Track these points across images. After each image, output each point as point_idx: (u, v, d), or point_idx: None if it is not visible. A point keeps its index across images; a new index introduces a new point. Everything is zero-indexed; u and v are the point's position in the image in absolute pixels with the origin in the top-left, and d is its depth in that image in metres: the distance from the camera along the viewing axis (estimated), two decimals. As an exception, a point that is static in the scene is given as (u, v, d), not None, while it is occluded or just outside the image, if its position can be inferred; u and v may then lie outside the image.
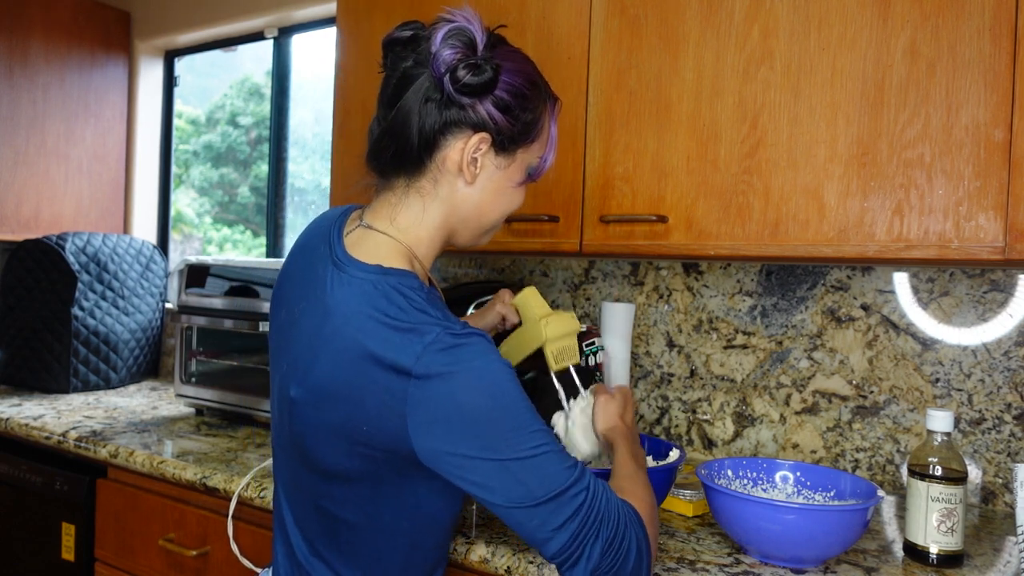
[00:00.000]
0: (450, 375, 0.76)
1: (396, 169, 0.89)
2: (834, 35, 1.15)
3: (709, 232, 1.25)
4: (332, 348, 0.81)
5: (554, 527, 0.77)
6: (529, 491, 0.77)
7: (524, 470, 0.77)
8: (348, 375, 0.80)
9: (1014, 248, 1.02)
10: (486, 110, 0.85)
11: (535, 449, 0.77)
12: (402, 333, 0.78)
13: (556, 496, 0.77)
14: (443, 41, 0.83)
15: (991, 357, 1.35)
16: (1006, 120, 1.03)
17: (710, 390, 1.62)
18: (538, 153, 0.93)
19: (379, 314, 0.79)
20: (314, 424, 0.84)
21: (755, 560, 1.05)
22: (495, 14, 1.48)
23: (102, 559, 1.62)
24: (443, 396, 0.76)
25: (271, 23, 2.45)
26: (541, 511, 0.77)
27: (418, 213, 0.89)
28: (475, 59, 0.83)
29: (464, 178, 0.88)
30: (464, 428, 0.76)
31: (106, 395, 2.18)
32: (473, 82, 0.83)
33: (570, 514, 0.77)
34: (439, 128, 0.85)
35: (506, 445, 0.77)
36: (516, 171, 0.91)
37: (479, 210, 0.91)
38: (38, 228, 2.49)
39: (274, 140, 2.51)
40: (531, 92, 0.89)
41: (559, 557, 0.78)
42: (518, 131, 0.88)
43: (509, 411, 0.77)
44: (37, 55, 2.45)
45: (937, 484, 1.03)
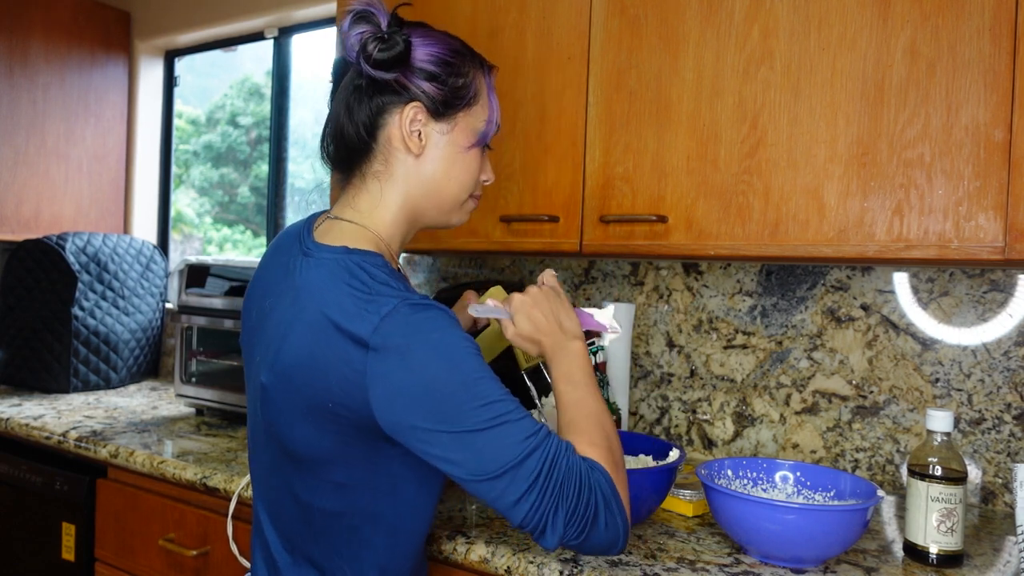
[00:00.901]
0: (407, 347, 0.78)
1: (348, 161, 0.93)
2: (834, 35, 1.15)
3: (709, 232, 1.25)
4: (299, 324, 0.83)
5: (514, 499, 0.77)
6: (486, 464, 0.77)
7: (481, 442, 0.77)
8: (313, 348, 0.81)
9: (1014, 248, 1.02)
10: (412, 82, 0.88)
11: (492, 421, 0.77)
12: (362, 304, 0.80)
13: (511, 468, 0.77)
14: (349, 27, 0.87)
15: (991, 357, 1.35)
16: (1006, 120, 1.03)
17: (710, 390, 1.62)
18: (482, 117, 0.95)
19: (342, 286, 0.82)
20: (285, 407, 0.85)
21: (755, 560, 1.05)
22: (495, 14, 1.48)
23: (102, 559, 1.62)
24: (401, 368, 0.77)
25: (271, 23, 2.45)
26: (499, 483, 0.77)
27: (376, 196, 0.92)
28: (382, 33, 0.87)
29: (411, 152, 0.91)
30: (423, 400, 0.77)
31: (106, 395, 2.18)
32: (385, 56, 0.86)
33: (526, 487, 0.77)
34: (373, 110, 0.89)
35: (464, 417, 0.77)
36: (461, 135, 0.93)
37: (436, 181, 0.93)
38: (38, 228, 2.49)
39: (274, 140, 2.51)
40: (455, 59, 0.91)
41: (526, 527, 0.79)
42: (451, 96, 0.91)
43: (466, 383, 0.78)
44: (37, 55, 2.45)
45: (937, 484, 1.03)
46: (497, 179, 1.47)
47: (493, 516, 1.19)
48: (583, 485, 0.79)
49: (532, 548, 1.06)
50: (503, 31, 1.47)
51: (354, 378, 0.79)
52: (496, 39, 1.48)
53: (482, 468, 0.77)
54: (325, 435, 0.83)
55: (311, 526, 0.88)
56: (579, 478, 0.79)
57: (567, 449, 0.80)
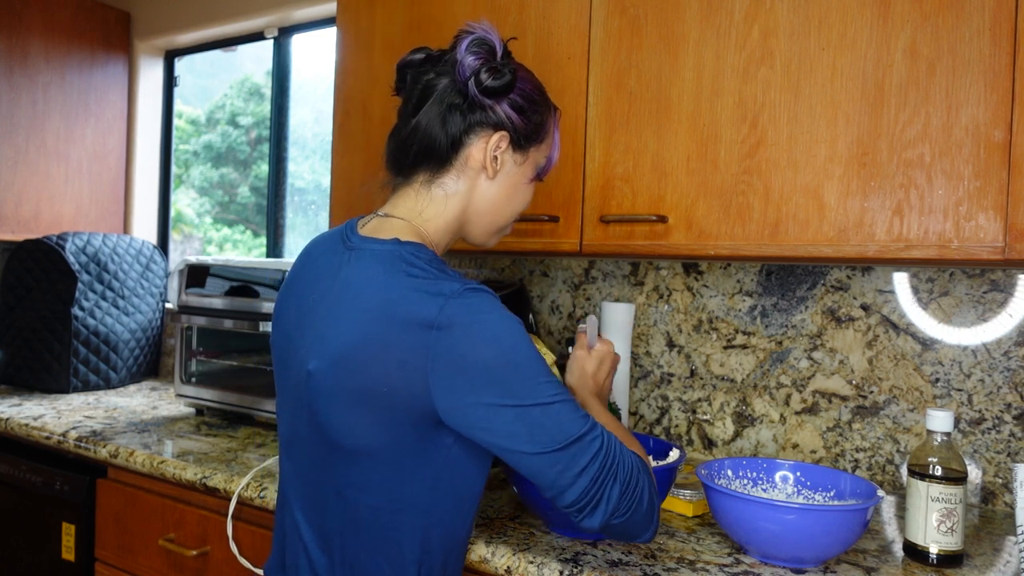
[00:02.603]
0: (470, 324, 0.81)
1: (419, 167, 0.98)
2: (834, 35, 1.15)
3: (709, 232, 1.25)
4: (354, 311, 0.86)
5: (576, 472, 0.82)
6: (552, 437, 0.81)
7: (545, 416, 0.82)
8: (369, 335, 0.84)
9: (1014, 248, 1.02)
10: (504, 111, 0.95)
11: (553, 396, 0.82)
12: (425, 289, 0.83)
13: (576, 441, 0.82)
14: (467, 49, 0.94)
15: (991, 357, 1.35)
16: (1006, 120, 1.03)
17: (710, 390, 1.62)
18: (545, 153, 1.04)
19: (400, 274, 0.86)
20: (334, 394, 0.86)
21: (755, 560, 1.05)
22: (495, 14, 1.48)
23: (102, 559, 1.62)
24: (464, 345, 0.81)
25: (271, 23, 2.45)
26: (564, 456, 0.82)
27: (439, 204, 0.97)
28: (496, 64, 0.94)
29: (486, 173, 0.97)
30: (487, 376, 0.81)
31: (106, 395, 2.18)
32: (495, 85, 0.94)
33: (590, 458, 0.82)
34: (464, 129, 0.95)
35: (527, 392, 0.81)
36: (529, 168, 1.01)
37: (495, 204, 0.99)
38: (38, 228, 2.49)
39: (274, 140, 2.51)
40: (539, 97, 1.00)
41: (579, 503, 0.83)
42: (531, 131, 0.99)
43: (526, 360, 0.83)
44: (37, 55, 2.45)
45: (937, 484, 1.03)
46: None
47: (493, 516, 1.19)
48: (633, 467, 0.86)
49: (532, 548, 1.06)
50: (503, 31, 1.47)
51: (415, 361, 0.81)
52: (496, 39, 1.48)
53: (549, 440, 0.81)
54: (375, 424, 0.84)
55: (352, 522, 0.89)
56: (630, 460, 0.86)
57: (615, 437, 0.87)
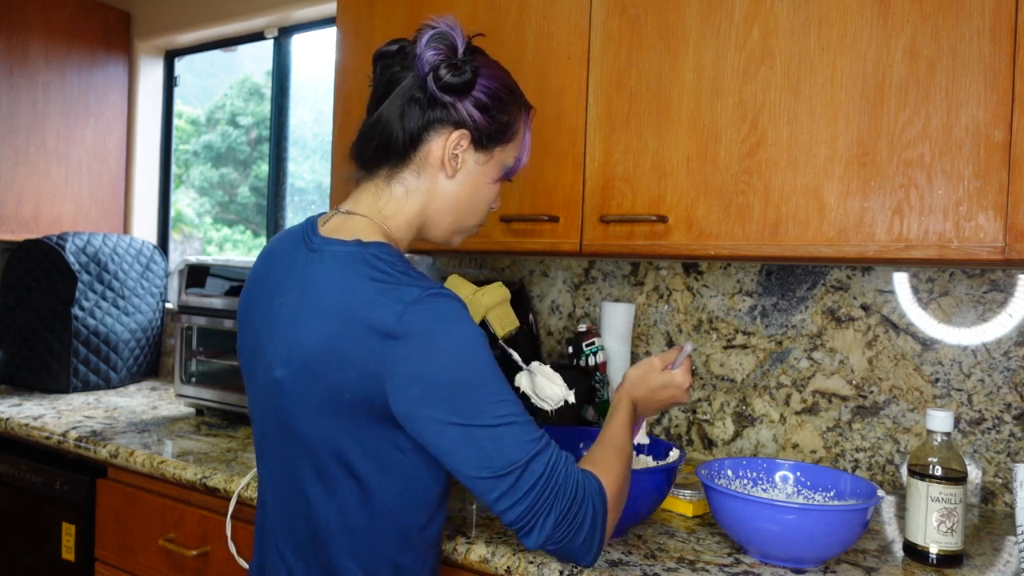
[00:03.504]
0: (429, 335, 0.80)
1: (379, 161, 0.96)
2: (834, 35, 1.15)
3: (709, 232, 1.25)
4: (317, 316, 0.85)
5: (514, 499, 0.80)
6: (493, 462, 0.79)
7: (490, 440, 0.80)
8: (332, 340, 0.83)
9: (1014, 248, 1.02)
10: (466, 109, 0.93)
11: (503, 418, 0.80)
12: (385, 293, 0.82)
13: (516, 469, 0.80)
14: (427, 44, 0.92)
15: (991, 357, 1.35)
16: (1006, 120, 1.03)
17: (710, 390, 1.62)
18: (513, 154, 1.01)
19: (362, 277, 0.84)
20: (301, 402, 0.86)
21: (755, 560, 1.05)
22: (495, 14, 1.48)
23: (102, 559, 1.62)
24: (421, 354, 0.79)
25: (271, 23, 2.45)
26: (502, 483, 0.80)
27: (400, 200, 0.96)
28: (456, 60, 0.92)
29: (445, 171, 0.95)
30: (438, 391, 0.80)
31: (106, 395, 2.18)
32: (453, 81, 0.91)
33: (528, 487, 0.80)
34: (423, 124, 0.93)
35: (476, 411, 0.80)
36: (493, 168, 0.99)
37: (456, 203, 0.98)
38: (38, 228, 2.49)
39: (274, 140, 2.51)
40: (507, 96, 0.97)
41: (516, 525, 0.81)
42: (495, 130, 0.96)
43: (483, 378, 0.81)
44: (37, 55, 2.45)
45: (937, 484, 1.03)
46: (497, 179, 1.47)
47: (493, 516, 1.19)
48: (578, 494, 0.83)
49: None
50: (503, 31, 1.47)
51: (374, 367, 0.80)
52: (496, 39, 1.48)
53: (489, 464, 0.79)
54: (341, 430, 0.84)
55: (324, 528, 0.88)
56: (576, 487, 0.83)
57: (567, 459, 0.84)
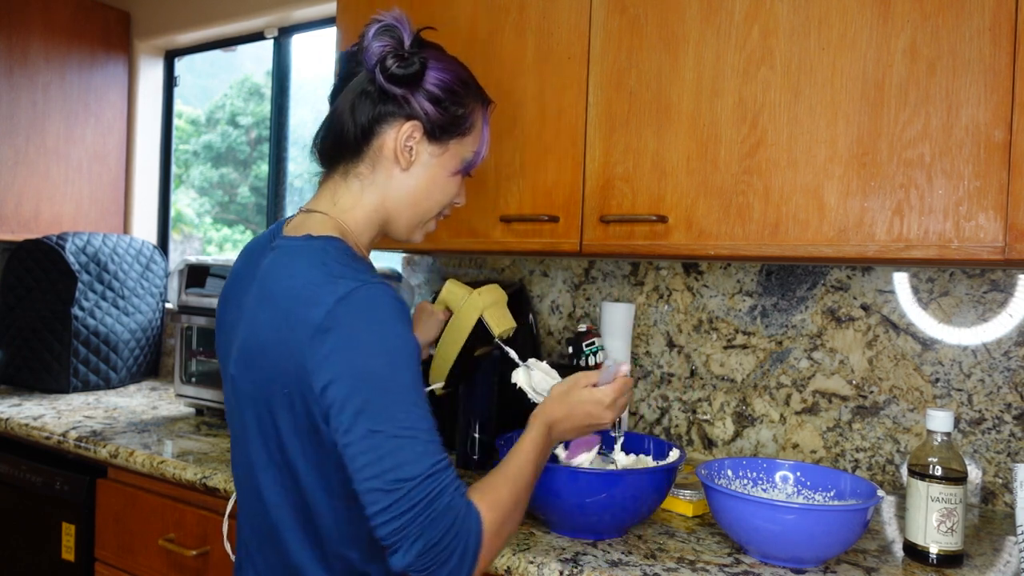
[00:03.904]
0: (354, 330, 0.79)
1: (335, 157, 0.98)
2: (834, 35, 1.15)
3: (709, 232, 1.25)
4: (263, 311, 0.86)
5: (390, 516, 0.77)
6: (384, 472, 0.77)
7: (388, 449, 0.77)
8: (273, 334, 0.84)
9: (1014, 248, 1.02)
10: (418, 102, 0.93)
11: (408, 430, 0.78)
12: (320, 286, 0.82)
13: (403, 486, 0.77)
14: (373, 37, 0.92)
15: (991, 357, 1.35)
16: (1006, 120, 1.03)
17: (710, 390, 1.62)
18: (471, 147, 1.01)
19: (302, 270, 0.85)
20: (249, 395, 0.88)
21: (755, 560, 1.05)
22: (495, 14, 1.48)
23: (102, 559, 1.62)
24: (343, 350, 0.79)
25: (271, 23, 2.45)
26: (386, 497, 0.77)
27: (356, 195, 0.96)
28: (403, 52, 0.92)
29: (399, 164, 0.95)
30: (351, 389, 0.78)
31: (106, 395, 2.18)
32: (400, 72, 0.91)
33: (406, 508, 0.77)
34: (374, 117, 0.94)
35: (384, 416, 0.78)
36: (450, 161, 0.98)
37: (414, 196, 0.98)
38: (38, 228, 2.49)
39: (274, 140, 2.51)
40: (461, 89, 0.97)
41: (384, 541, 0.79)
42: (449, 122, 0.96)
43: (399, 383, 0.79)
44: (37, 55, 2.45)
45: (937, 484, 1.03)
46: (497, 179, 1.47)
47: (493, 516, 1.19)
48: (453, 528, 0.79)
49: (532, 548, 1.06)
50: (503, 31, 1.47)
51: (304, 362, 0.80)
52: (496, 39, 1.48)
53: (380, 475, 0.77)
54: (282, 423, 0.85)
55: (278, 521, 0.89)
56: (453, 520, 0.79)
57: (456, 489, 0.80)
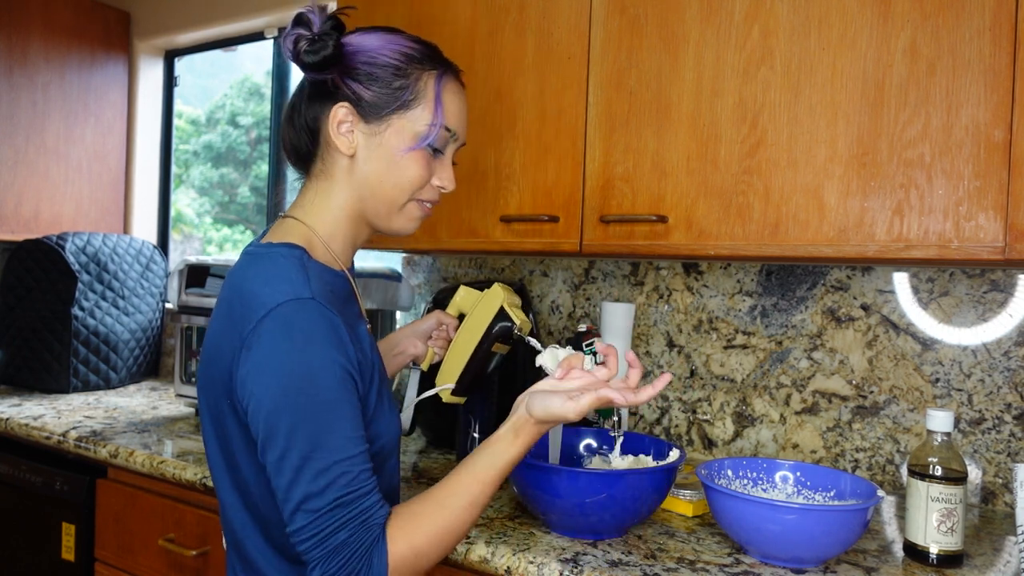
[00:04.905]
0: (273, 350, 0.78)
1: (302, 162, 0.97)
2: (834, 35, 1.15)
3: (709, 232, 1.25)
4: (216, 320, 0.88)
5: (299, 539, 0.77)
6: (291, 497, 0.77)
7: (297, 474, 0.77)
8: (219, 343, 0.85)
9: (1014, 248, 1.02)
10: (344, 83, 0.90)
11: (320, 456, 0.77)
12: (255, 297, 0.81)
13: (306, 514, 0.77)
14: (289, 30, 0.89)
15: (991, 357, 1.35)
16: (1006, 120, 1.03)
17: (710, 390, 1.62)
18: (424, 120, 0.92)
19: (248, 280, 0.84)
20: (205, 400, 0.89)
21: (755, 560, 1.05)
22: (495, 14, 1.48)
23: (102, 559, 1.62)
24: (261, 371, 0.78)
25: (271, 23, 2.45)
26: (297, 518, 0.77)
27: (323, 196, 0.94)
28: (312, 35, 0.88)
29: (343, 152, 0.91)
30: (270, 409, 0.78)
31: (106, 395, 2.18)
32: (313, 58, 0.88)
33: (308, 536, 0.77)
34: (313, 111, 0.92)
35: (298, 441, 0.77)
36: (395, 138, 0.91)
37: (370, 183, 0.92)
38: (38, 228, 2.48)
39: (274, 140, 2.51)
40: (395, 59, 0.91)
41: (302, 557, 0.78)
42: (385, 98, 0.90)
43: (316, 404, 0.78)
44: (37, 55, 2.45)
45: (937, 484, 1.03)
46: (497, 179, 1.47)
47: (493, 516, 1.19)
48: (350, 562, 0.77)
49: (532, 548, 1.06)
50: (503, 31, 1.47)
51: (233, 371, 0.81)
52: (496, 39, 1.48)
53: (289, 499, 0.77)
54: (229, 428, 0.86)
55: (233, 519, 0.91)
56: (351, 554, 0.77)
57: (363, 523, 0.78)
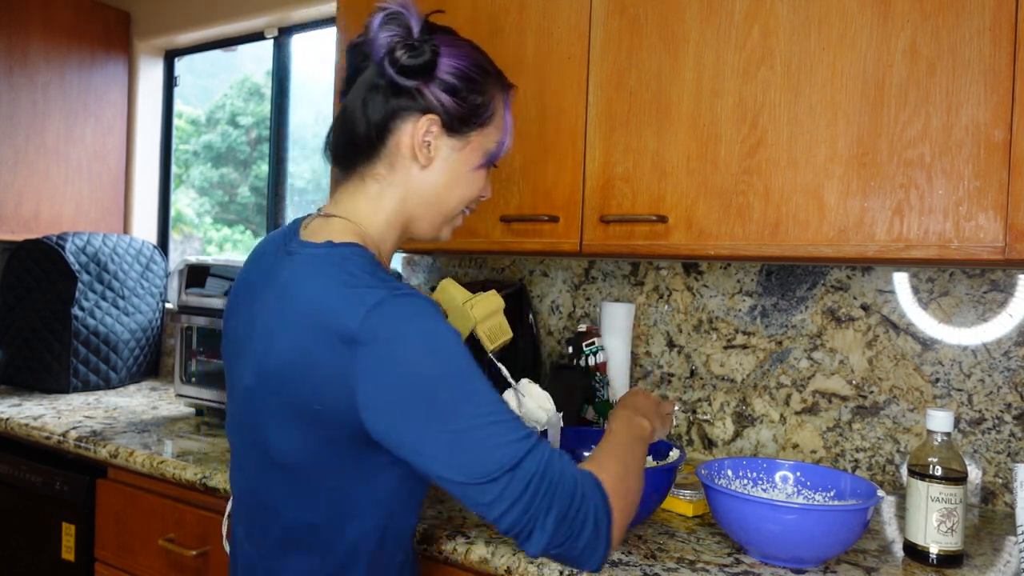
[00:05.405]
0: (395, 340, 0.75)
1: (352, 159, 0.92)
2: (834, 35, 1.15)
3: (709, 232, 1.25)
4: (286, 322, 0.81)
5: (507, 504, 0.74)
6: (482, 467, 0.74)
7: (475, 442, 0.74)
8: (299, 348, 0.79)
9: (1014, 248, 1.02)
10: (432, 93, 0.87)
11: (486, 418, 0.75)
12: (346, 297, 0.77)
13: (508, 471, 0.74)
14: (380, 27, 0.85)
15: (991, 357, 1.35)
16: (1006, 120, 1.03)
17: (710, 390, 1.62)
18: (494, 138, 0.93)
19: (326, 280, 0.80)
20: (271, 411, 0.82)
21: (755, 560, 1.05)
22: (495, 14, 1.48)
23: (102, 559, 1.62)
24: (389, 362, 0.75)
25: (271, 23, 2.45)
26: (493, 488, 0.74)
27: (375, 198, 0.91)
28: (412, 41, 0.85)
29: (418, 162, 0.89)
30: (411, 397, 0.75)
31: (106, 395, 2.18)
32: (411, 63, 0.85)
33: (522, 488, 0.74)
34: (388, 114, 0.88)
35: (457, 415, 0.74)
36: (472, 154, 0.92)
37: (437, 194, 0.92)
38: (38, 228, 2.48)
39: (274, 140, 2.51)
40: (479, 75, 0.90)
41: (513, 531, 0.75)
42: (468, 113, 0.89)
43: (459, 378, 0.76)
44: (37, 55, 2.45)
45: (937, 484, 1.03)
46: (497, 179, 1.47)
47: (493, 516, 1.19)
48: (577, 493, 0.76)
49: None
50: (503, 31, 1.47)
51: (340, 377, 0.76)
52: (496, 39, 1.48)
53: (478, 470, 0.74)
54: (312, 440, 0.81)
55: (292, 541, 0.85)
56: (574, 485, 0.76)
57: (561, 455, 0.78)
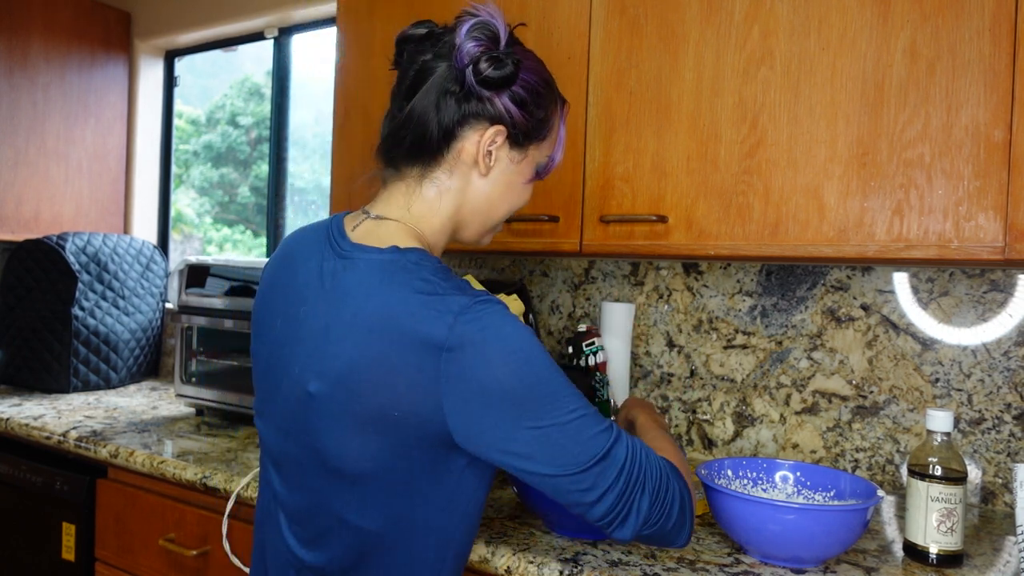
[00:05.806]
0: (481, 344, 0.76)
1: (411, 159, 0.90)
2: (834, 35, 1.15)
3: (709, 232, 1.25)
4: (356, 328, 0.79)
5: (602, 490, 0.78)
6: (574, 458, 0.77)
7: (565, 436, 0.77)
8: (375, 355, 0.77)
9: (1014, 248, 1.02)
10: (503, 104, 0.87)
11: (573, 413, 0.78)
12: (431, 305, 0.77)
13: (600, 460, 0.78)
14: (467, 34, 0.85)
15: (991, 357, 1.35)
16: (1006, 120, 1.03)
17: (710, 390, 1.62)
18: (547, 152, 0.96)
19: (403, 287, 0.79)
20: (338, 418, 0.80)
21: (755, 560, 1.05)
22: (495, 14, 1.48)
23: (102, 559, 1.62)
24: (477, 368, 0.76)
25: (271, 23, 2.45)
26: (587, 477, 0.78)
27: (432, 201, 0.90)
28: (497, 53, 0.86)
29: (479, 170, 0.90)
30: (502, 398, 0.76)
31: (106, 395, 2.18)
32: (494, 75, 0.85)
33: (615, 474, 0.79)
34: (458, 119, 0.87)
35: (545, 411, 0.77)
36: (527, 167, 0.94)
37: (490, 203, 0.93)
38: (38, 228, 2.49)
39: (274, 140, 2.51)
40: (545, 91, 0.92)
41: (607, 518, 0.79)
42: (532, 127, 0.91)
43: (544, 377, 0.78)
44: (37, 55, 2.45)
45: (937, 484, 1.03)
46: (497, 179, 1.47)
47: (493, 516, 1.19)
48: (663, 474, 0.82)
49: (532, 548, 1.06)
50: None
51: (426, 384, 0.76)
52: (496, 39, 1.48)
53: (571, 461, 0.77)
54: (384, 448, 0.79)
55: (356, 550, 0.83)
56: (659, 467, 0.82)
57: (641, 442, 0.83)
